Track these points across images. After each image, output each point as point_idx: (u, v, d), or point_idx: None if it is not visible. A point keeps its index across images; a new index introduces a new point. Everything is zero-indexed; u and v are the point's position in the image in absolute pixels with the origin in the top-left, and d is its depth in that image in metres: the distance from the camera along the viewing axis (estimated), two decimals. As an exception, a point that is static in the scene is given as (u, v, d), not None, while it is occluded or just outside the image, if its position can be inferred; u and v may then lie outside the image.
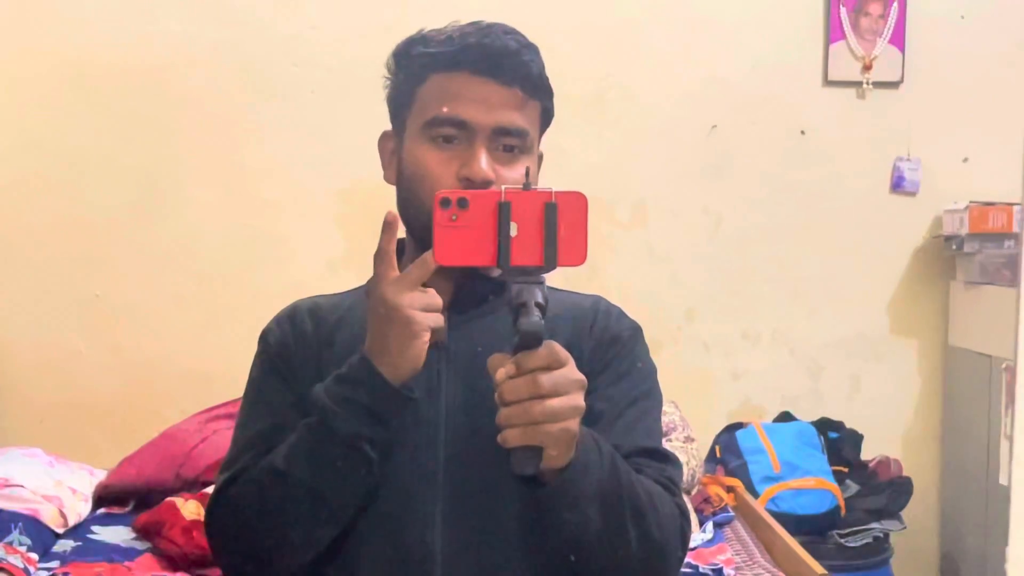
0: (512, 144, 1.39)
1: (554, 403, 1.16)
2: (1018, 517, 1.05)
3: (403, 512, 1.37)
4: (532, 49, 1.42)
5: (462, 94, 1.38)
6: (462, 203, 1.19)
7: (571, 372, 1.18)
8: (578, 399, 1.19)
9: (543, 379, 1.16)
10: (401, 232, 1.46)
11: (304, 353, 1.45)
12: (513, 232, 1.18)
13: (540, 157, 1.48)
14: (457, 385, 1.39)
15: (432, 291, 1.26)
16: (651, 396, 1.48)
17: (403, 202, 1.44)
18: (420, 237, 1.42)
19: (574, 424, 1.19)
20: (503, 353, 1.19)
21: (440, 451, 1.38)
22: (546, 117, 1.46)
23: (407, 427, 1.35)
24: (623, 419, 1.41)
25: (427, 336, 1.25)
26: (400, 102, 1.45)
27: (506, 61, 1.38)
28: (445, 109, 1.38)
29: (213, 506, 1.40)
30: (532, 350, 1.16)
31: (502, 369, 1.17)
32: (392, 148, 1.47)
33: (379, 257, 1.27)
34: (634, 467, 1.35)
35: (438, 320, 1.27)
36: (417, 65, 1.42)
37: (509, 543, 1.37)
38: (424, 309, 1.25)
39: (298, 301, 1.51)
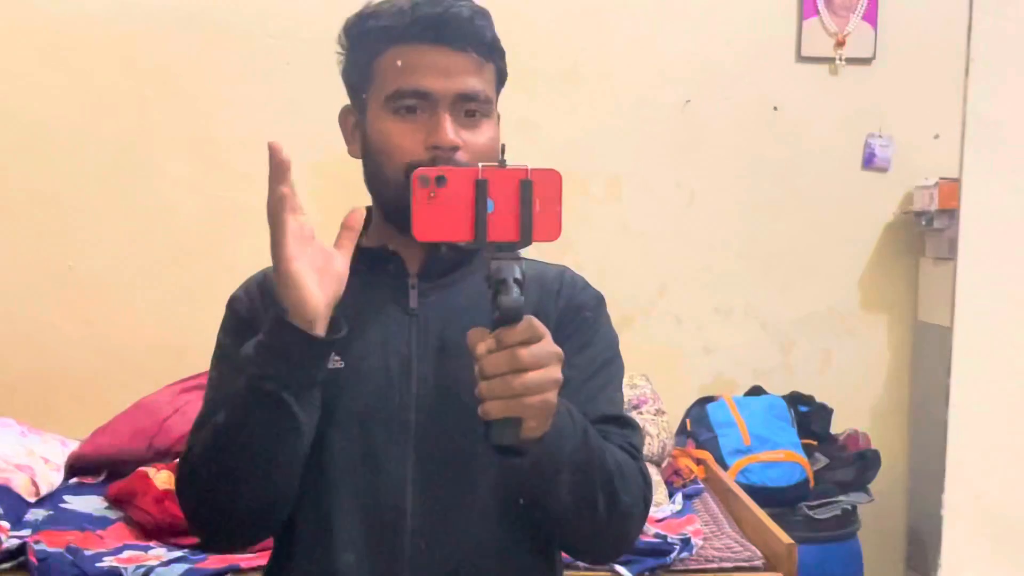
0: (474, 109, 1.41)
1: (534, 376, 1.18)
2: (953, 463, 1.09)
3: (375, 475, 1.39)
4: (483, 13, 1.43)
5: (421, 64, 1.39)
6: (440, 180, 1.20)
7: (549, 345, 1.20)
8: (556, 371, 1.21)
9: (523, 353, 1.17)
10: (368, 201, 1.48)
11: None
12: (490, 209, 1.20)
13: (498, 117, 1.50)
14: (427, 350, 1.42)
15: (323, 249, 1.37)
16: (614, 364, 1.51)
17: (370, 176, 1.46)
18: (387, 208, 1.45)
19: (552, 396, 1.21)
20: (482, 328, 1.20)
21: (412, 415, 1.40)
22: (501, 78, 1.48)
23: (380, 391, 1.39)
24: (588, 387, 1.44)
25: (294, 264, 1.33)
26: (358, 77, 1.47)
27: (460, 27, 1.40)
28: (406, 81, 1.39)
29: (180, 467, 1.42)
30: (512, 325, 1.18)
31: (482, 343, 1.19)
32: (354, 122, 1.49)
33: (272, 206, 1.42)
34: (600, 434, 1.38)
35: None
36: (371, 39, 1.43)
37: (479, 506, 1.40)
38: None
39: (267, 268, 1.51)
